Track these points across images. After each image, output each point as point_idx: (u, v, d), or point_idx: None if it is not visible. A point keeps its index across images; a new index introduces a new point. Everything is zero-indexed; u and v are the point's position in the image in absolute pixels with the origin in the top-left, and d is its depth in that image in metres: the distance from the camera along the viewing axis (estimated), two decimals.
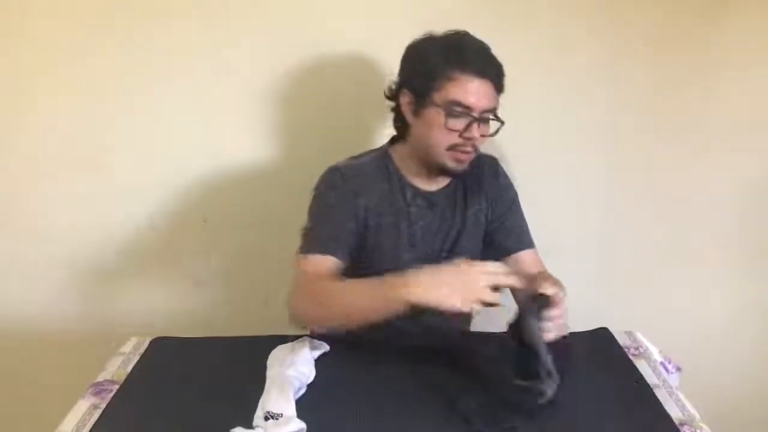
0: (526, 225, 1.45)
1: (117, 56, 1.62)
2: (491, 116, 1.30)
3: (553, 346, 1.09)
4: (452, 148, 1.28)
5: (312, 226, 1.33)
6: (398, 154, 1.39)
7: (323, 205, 1.35)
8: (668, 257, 1.81)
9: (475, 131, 1.27)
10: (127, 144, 1.69)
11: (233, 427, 1.01)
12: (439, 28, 1.32)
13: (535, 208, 1.72)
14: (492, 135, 1.32)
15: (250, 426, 1.03)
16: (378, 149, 1.42)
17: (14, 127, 1.68)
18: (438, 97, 1.26)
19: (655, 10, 1.62)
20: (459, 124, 1.27)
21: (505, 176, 1.47)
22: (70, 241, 1.75)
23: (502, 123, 1.31)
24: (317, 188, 1.36)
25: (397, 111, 1.37)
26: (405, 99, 1.32)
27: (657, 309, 1.82)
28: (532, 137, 1.70)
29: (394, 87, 1.36)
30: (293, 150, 1.55)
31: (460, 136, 1.27)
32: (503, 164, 1.48)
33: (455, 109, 1.25)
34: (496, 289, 1.09)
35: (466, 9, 1.59)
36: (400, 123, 1.37)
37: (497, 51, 1.61)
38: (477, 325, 1.52)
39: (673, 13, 1.62)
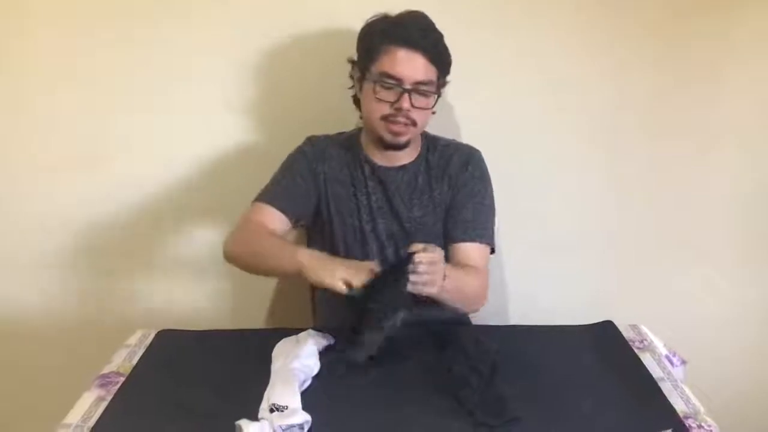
0: (484, 221, 1.43)
1: (116, 55, 1.62)
2: (426, 89, 1.32)
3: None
4: (385, 118, 1.34)
5: (270, 180, 1.44)
6: (363, 131, 1.46)
7: (285, 165, 1.46)
8: (672, 251, 1.80)
9: (405, 102, 1.31)
10: (128, 140, 1.69)
11: (238, 419, 1.01)
12: (429, 14, 1.34)
13: (540, 204, 1.73)
14: (430, 108, 1.35)
15: (255, 418, 1.03)
16: (359, 128, 1.49)
17: (15, 126, 1.68)
18: (374, 69, 1.32)
19: (656, 7, 1.61)
20: (390, 95, 1.32)
21: (478, 169, 1.45)
22: (74, 235, 1.75)
23: (438, 95, 1.35)
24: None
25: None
26: (356, 75, 1.40)
27: (661, 303, 1.81)
28: (534, 133, 1.69)
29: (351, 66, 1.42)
30: (296, 143, 1.55)
31: (392, 107, 1.31)
32: (506, 161, 1.49)
33: (386, 80, 1.31)
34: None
35: (463, 2, 1.59)
36: (354, 97, 1.44)
37: (497, 46, 1.62)
38: (477, 320, 1.53)
39: (675, 10, 1.61)
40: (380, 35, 1.33)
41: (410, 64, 1.30)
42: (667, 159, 1.73)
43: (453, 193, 1.43)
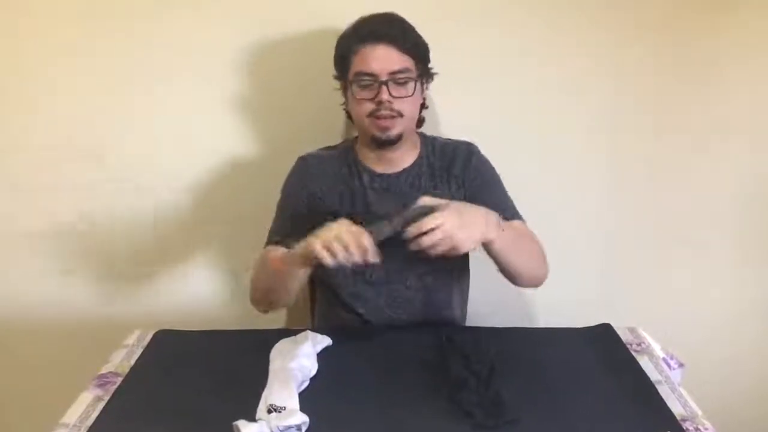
0: (508, 200, 1.43)
1: (116, 55, 1.63)
2: (402, 77, 1.33)
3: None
4: (371, 115, 1.34)
5: (274, 220, 1.44)
6: (359, 140, 1.46)
7: (282, 197, 1.46)
8: (670, 253, 1.80)
9: (384, 94, 1.32)
10: (128, 142, 1.69)
11: (236, 419, 1.02)
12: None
13: (538, 204, 1.72)
14: (411, 95, 1.35)
15: (253, 419, 1.03)
16: (352, 138, 1.50)
17: (15, 127, 1.69)
18: (350, 74, 1.35)
19: (656, 6, 1.61)
20: (368, 92, 1.33)
21: (480, 159, 1.46)
22: (73, 235, 1.75)
23: (415, 80, 1.35)
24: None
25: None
26: (340, 86, 1.42)
27: (659, 305, 1.81)
28: (533, 133, 1.70)
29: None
30: (297, 144, 1.55)
31: (374, 102, 1.33)
32: (504, 161, 1.49)
33: (362, 79, 1.33)
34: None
35: (463, 2, 1.60)
36: (347, 112, 1.45)
37: (496, 46, 1.62)
38: (475, 322, 1.53)
39: (674, 8, 1.62)
40: (348, 40, 1.36)
41: (380, 57, 1.32)
42: (667, 159, 1.73)
43: (464, 190, 1.42)
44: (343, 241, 1.10)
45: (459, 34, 1.59)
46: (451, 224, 1.11)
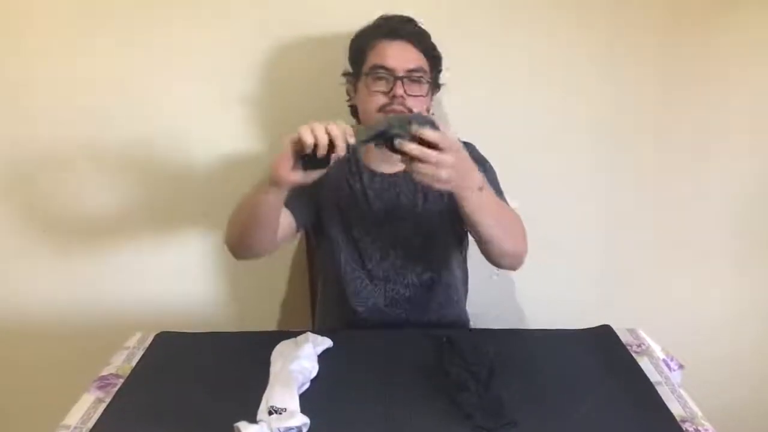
0: (501, 197, 1.40)
1: (117, 55, 1.63)
2: (418, 76, 1.34)
3: None
4: (382, 109, 1.34)
5: None
6: None
7: None
8: (670, 255, 1.81)
9: (399, 89, 1.32)
10: (129, 138, 1.69)
11: (237, 421, 1.02)
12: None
13: (537, 206, 1.73)
14: (424, 95, 1.36)
15: (254, 420, 1.03)
16: None
17: (15, 126, 1.69)
18: (365, 67, 1.36)
19: (655, 6, 1.62)
20: (383, 85, 1.34)
21: (475, 155, 1.42)
22: (75, 236, 1.76)
23: (429, 82, 1.37)
24: None
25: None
26: (350, 82, 1.42)
27: (659, 306, 1.82)
28: (532, 135, 1.70)
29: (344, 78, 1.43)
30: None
31: (387, 96, 1.33)
32: (503, 162, 1.49)
33: (378, 71, 1.33)
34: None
35: (465, 2, 1.60)
36: (351, 108, 1.45)
37: (496, 47, 1.63)
38: (478, 322, 1.53)
39: (673, 10, 1.62)
40: (366, 36, 1.37)
41: (399, 53, 1.33)
42: (666, 159, 1.73)
43: None
44: (332, 129, 1.10)
45: (459, 35, 1.59)
46: (448, 160, 1.08)
